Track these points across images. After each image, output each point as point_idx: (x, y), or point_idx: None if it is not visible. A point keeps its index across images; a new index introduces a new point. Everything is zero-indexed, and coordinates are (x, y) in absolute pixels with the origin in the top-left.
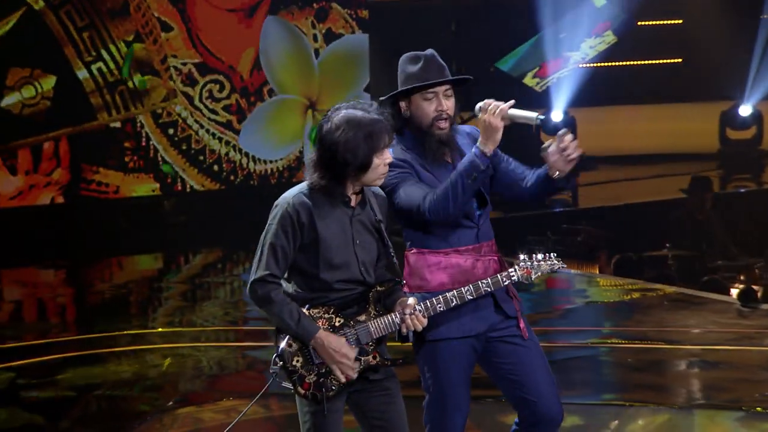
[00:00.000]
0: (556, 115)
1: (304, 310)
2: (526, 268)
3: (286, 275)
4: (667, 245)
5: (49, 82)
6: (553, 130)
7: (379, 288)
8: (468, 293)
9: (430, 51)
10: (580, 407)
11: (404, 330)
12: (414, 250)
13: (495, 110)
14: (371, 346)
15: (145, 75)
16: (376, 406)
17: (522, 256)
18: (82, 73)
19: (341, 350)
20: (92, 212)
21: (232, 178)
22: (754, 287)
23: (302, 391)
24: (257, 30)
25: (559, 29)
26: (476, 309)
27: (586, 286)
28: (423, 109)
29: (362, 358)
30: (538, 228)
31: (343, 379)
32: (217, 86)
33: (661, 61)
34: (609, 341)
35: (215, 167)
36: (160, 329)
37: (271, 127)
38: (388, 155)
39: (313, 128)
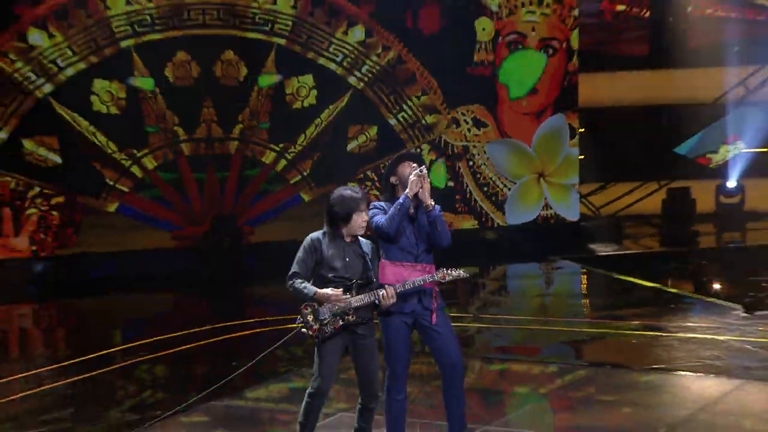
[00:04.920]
0: (731, 183)
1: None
2: (442, 273)
3: (311, 276)
4: None
5: (373, 130)
6: (727, 193)
7: (359, 281)
8: (398, 287)
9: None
10: None
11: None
12: (383, 259)
13: (414, 178)
14: (352, 311)
15: (431, 114)
16: (362, 360)
17: (441, 268)
18: (392, 121)
19: (331, 295)
20: None
21: None
22: None
23: (311, 333)
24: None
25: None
26: (407, 300)
27: None
28: (403, 171)
29: (347, 316)
30: None
31: (342, 307)
32: None
33: None
34: None
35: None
36: None
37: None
38: (365, 216)
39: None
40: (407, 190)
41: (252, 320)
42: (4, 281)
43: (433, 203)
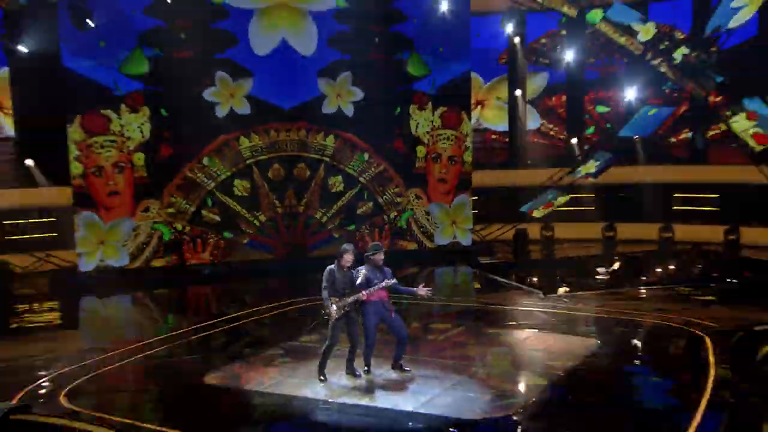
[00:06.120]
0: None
1: (332, 298)
2: (385, 282)
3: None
4: None
5: (370, 204)
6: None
7: (348, 292)
8: (368, 291)
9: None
10: None
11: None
12: (365, 291)
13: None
14: (348, 305)
15: (400, 197)
16: (352, 330)
17: (385, 279)
18: (380, 200)
19: (332, 307)
20: None
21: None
22: None
23: (329, 319)
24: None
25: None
26: (376, 303)
27: None
28: (374, 256)
29: (343, 309)
30: None
31: (335, 315)
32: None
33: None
34: None
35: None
36: None
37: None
38: (351, 257)
39: None
40: (371, 267)
41: (309, 298)
42: (193, 276)
43: (389, 270)
